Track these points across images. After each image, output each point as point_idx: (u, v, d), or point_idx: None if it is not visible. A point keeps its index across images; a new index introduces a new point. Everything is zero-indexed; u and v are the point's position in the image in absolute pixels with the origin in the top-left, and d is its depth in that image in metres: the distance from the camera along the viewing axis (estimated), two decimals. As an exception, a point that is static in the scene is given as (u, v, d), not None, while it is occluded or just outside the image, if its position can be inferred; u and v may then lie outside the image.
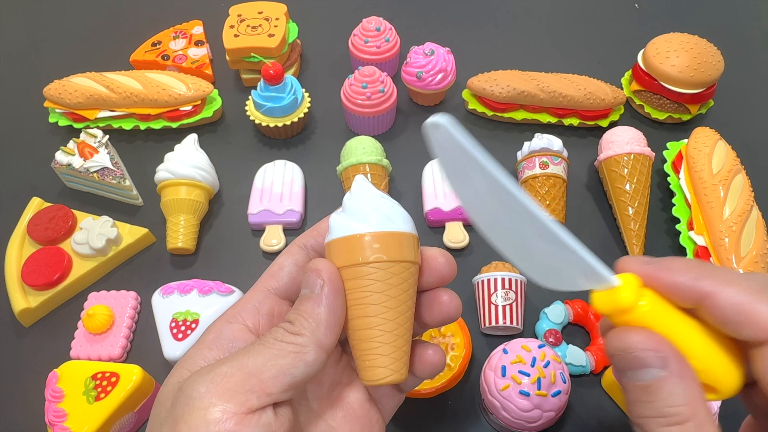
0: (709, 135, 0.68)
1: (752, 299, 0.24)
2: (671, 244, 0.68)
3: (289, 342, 0.27)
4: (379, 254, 0.29)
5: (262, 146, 0.77)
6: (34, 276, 0.61)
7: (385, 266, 0.29)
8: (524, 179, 0.67)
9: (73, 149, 0.70)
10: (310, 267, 0.29)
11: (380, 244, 0.29)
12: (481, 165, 0.25)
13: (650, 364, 0.25)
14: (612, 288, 0.26)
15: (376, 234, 0.29)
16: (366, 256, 0.29)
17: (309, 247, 0.33)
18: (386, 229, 0.29)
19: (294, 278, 0.32)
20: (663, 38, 0.76)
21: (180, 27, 0.88)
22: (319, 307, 0.28)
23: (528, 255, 0.27)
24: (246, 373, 0.26)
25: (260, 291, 0.32)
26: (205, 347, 0.29)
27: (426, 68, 0.75)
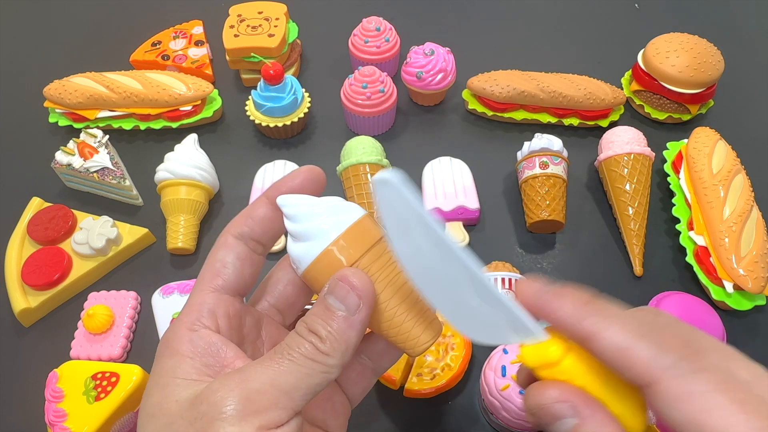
0: (709, 135, 0.68)
1: (631, 341, 0.24)
2: (671, 244, 0.68)
3: (320, 363, 0.27)
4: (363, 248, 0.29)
5: (262, 146, 0.77)
6: (34, 276, 0.62)
7: (378, 252, 0.29)
8: (524, 179, 0.67)
9: (73, 149, 0.70)
10: (345, 279, 0.28)
11: (357, 237, 0.29)
12: (426, 222, 0.25)
13: (563, 415, 0.25)
14: (540, 342, 0.27)
15: (348, 232, 0.29)
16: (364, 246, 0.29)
17: (246, 237, 0.31)
18: (350, 222, 0.29)
19: (240, 274, 0.31)
20: (663, 38, 0.76)
21: (180, 27, 0.88)
22: (352, 330, 0.27)
23: (461, 310, 0.27)
24: (279, 391, 0.26)
25: (209, 292, 0.30)
26: (186, 357, 0.28)
27: (426, 68, 0.75)
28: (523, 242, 0.68)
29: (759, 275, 0.58)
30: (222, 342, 0.29)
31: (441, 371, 0.54)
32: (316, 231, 0.29)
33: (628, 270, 0.66)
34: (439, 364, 0.54)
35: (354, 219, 0.29)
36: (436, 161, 0.72)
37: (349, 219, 0.29)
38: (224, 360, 0.28)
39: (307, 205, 0.30)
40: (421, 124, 0.80)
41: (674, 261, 0.67)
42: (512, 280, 0.59)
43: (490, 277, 0.29)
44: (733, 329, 0.61)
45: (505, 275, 0.59)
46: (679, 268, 0.66)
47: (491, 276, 0.60)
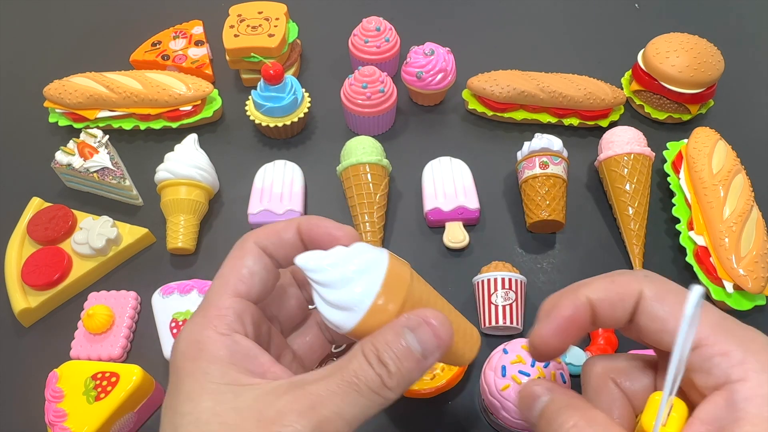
0: (709, 135, 0.68)
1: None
2: (671, 244, 0.68)
3: (383, 396, 0.27)
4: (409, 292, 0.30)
5: (262, 146, 0.77)
6: (34, 276, 0.62)
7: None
8: (524, 179, 0.67)
9: (73, 149, 0.70)
10: (430, 324, 0.28)
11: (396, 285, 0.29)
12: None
13: (540, 393, 0.30)
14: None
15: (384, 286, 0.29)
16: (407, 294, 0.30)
17: (269, 252, 0.31)
18: (383, 274, 0.29)
19: (265, 284, 0.31)
20: (663, 38, 0.76)
21: (180, 27, 0.88)
22: (420, 372, 0.28)
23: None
24: (344, 422, 0.26)
25: (233, 297, 0.30)
26: (228, 362, 0.27)
27: (426, 68, 0.75)
28: (523, 242, 0.68)
29: (759, 275, 0.58)
30: (257, 348, 0.29)
31: (441, 371, 0.53)
32: (354, 296, 0.29)
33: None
34: (439, 364, 0.54)
35: (384, 268, 0.29)
36: (436, 161, 0.72)
37: (380, 269, 0.29)
38: (263, 366, 0.28)
39: (334, 266, 0.29)
40: (421, 124, 0.80)
41: (674, 261, 0.67)
42: (512, 280, 0.59)
43: (493, 276, 0.30)
44: (733, 329, 0.61)
45: (505, 275, 0.59)
46: (679, 268, 0.66)
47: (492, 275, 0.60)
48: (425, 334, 0.28)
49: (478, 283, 0.61)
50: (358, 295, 0.28)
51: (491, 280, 0.59)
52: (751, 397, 0.24)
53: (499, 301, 0.59)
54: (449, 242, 0.66)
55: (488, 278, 0.60)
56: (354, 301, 0.28)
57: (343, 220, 0.69)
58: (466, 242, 0.66)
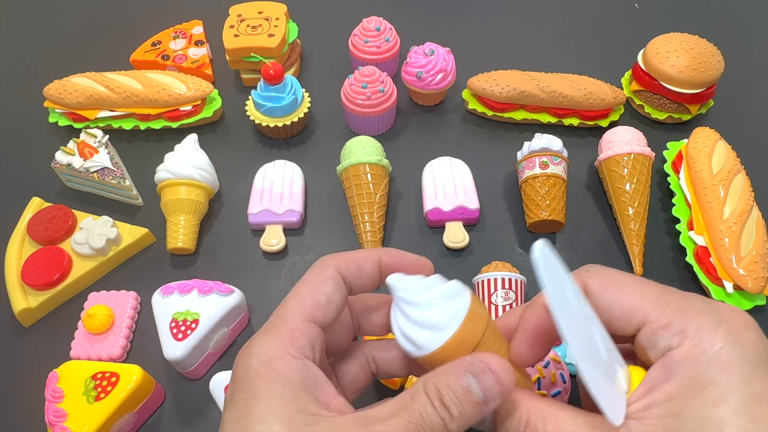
0: (709, 135, 0.68)
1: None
2: (671, 244, 0.68)
3: None
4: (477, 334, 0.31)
5: (262, 146, 0.77)
6: (34, 276, 0.61)
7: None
8: (524, 179, 0.67)
9: (73, 149, 0.70)
10: (495, 372, 0.28)
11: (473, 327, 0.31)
12: (571, 280, 0.30)
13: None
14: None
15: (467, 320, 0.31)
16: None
17: (348, 281, 0.32)
18: (467, 306, 0.31)
19: (338, 313, 0.32)
20: (663, 38, 0.76)
21: (180, 27, 0.88)
22: (479, 417, 0.28)
23: (589, 359, 0.29)
24: None
25: (307, 322, 0.30)
26: (301, 389, 0.27)
27: (426, 68, 0.75)
28: (523, 242, 0.68)
29: (759, 275, 0.58)
30: (323, 377, 0.29)
31: (441, 371, 0.53)
32: (443, 317, 0.30)
33: (628, 270, 0.65)
34: (439, 364, 0.54)
35: (468, 299, 0.31)
36: (436, 161, 0.72)
37: (464, 302, 0.31)
38: (327, 396, 0.28)
39: (424, 288, 0.31)
40: (421, 124, 0.80)
41: (674, 261, 0.67)
42: (512, 280, 0.59)
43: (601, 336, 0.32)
44: (733, 329, 0.61)
45: (505, 275, 0.59)
46: (679, 268, 0.66)
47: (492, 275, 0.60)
48: (488, 380, 0.28)
49: (478, 283, 0.61)
50: (446, 317, 0.30)
51: (491, 280, 0.59)
52: (682, 360, 0.27)
53: (499, 301, 0.59)
54: (449, 242, 0.66)
55: (488, 278, 0.60)
56: (442, 322, 0.30)
57: (343, 220, 0.70)
58: (466, 242, 0.66)
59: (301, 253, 0.68)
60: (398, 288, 0.31)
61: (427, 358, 0.30)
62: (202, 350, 0.56)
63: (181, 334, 0.55)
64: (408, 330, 0.31)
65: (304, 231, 0.70)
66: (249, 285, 0.64)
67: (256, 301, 0.63)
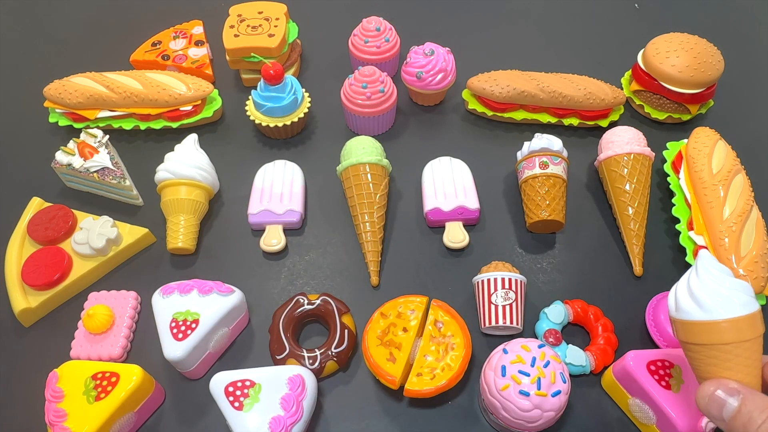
0: (709, 135, 0.68)
1: None
2: (671, 244, 0.68)
3: None
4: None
5: (262, 146, 0.77)
6: (34, 276, 0.62)
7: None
8: (524, 179, 0.67)
9: (73, 149, 0.70)
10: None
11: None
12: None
13: (727, 398, 0.36)
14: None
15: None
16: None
17: None
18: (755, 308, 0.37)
19: None
20: (663, 38, 0.76)
21: (180, 27, 0.88)
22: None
23: None
24: None
25: None
26: None
27: (426, 68, 0.75)
28: (523, 242, 0.68)
29: (759, 275, 0.58)
30: None
31: (441, 371, 0.54)
32: (734, 299, 0.36)
33: (628, 270, 0.66)
34: (439, 364, 0.54)
35: (758, 305, 0.37)
36: (436, 161, 0.72)
37: (756, 304, 0.37)
38: None
39: (730, 274, 0.37)
40: (421, 124, 0.80)
41: (674, 261, 0.67)
42: (512, 279, 0.59)
43: None
44: (733, 329, 0.61)
45: (505, 275, 0.59)
46: (679, 268, 0.66)
47: (492, 275, 0.60)
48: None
49: (478, 283, 0.61)
50: (738, 303, 0.36)
51: (491, 280, 0.59)
52: None
53: (499, 301, 0.59)
54: (449, 242, 0.66)
55: (488, 278, 0.60)
56: (739, 301, 0.35)
57: (344, 220, 0.70)
58: (466, 242, 0.66)
59: (301, 253, 0.68)
60: (707, 259, 0.37)
61: (698, 324, 0.36)
62: (202, 350, 0.56)
63: (181, 334, 0.55)
64: (702, 295, 0.36)
65: (304, 231, 0.70)
66: (249, 285, 0.64)
67: (256, 301, 0.63)
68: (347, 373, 0.59)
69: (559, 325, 0.60)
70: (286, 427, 0.50)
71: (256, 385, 0.52)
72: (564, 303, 0.61)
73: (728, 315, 0.35)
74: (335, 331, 0.58)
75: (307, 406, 0.52)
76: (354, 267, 0.66)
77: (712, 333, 0.35)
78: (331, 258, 0.67)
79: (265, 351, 0.59)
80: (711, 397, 0.36)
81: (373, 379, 0.58)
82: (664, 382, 0.51)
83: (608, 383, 0.57)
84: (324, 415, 0.57)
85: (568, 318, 0.61)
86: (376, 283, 0.65)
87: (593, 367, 0.57)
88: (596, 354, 0.58)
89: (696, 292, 0.36)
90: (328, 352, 0.57)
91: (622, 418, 0.56)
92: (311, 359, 0.56)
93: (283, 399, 0.51)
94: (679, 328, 0.37)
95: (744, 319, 0.35)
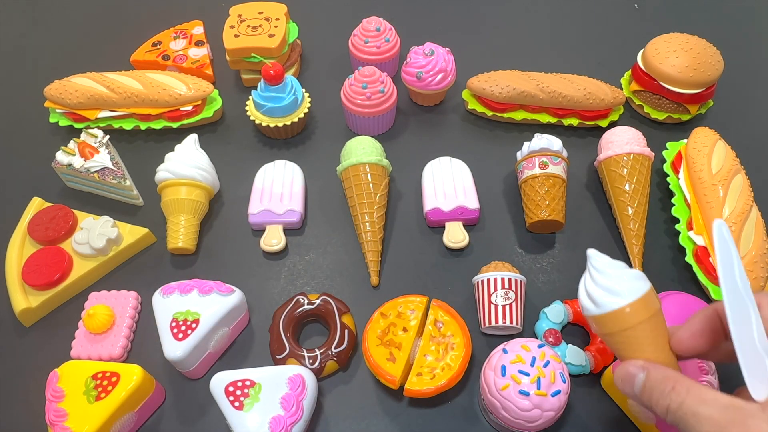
0: (709, 135, 0.68)
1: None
2: (671, 244, 0.68)
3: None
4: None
5: (262, 146, 0.77)
6: (35, 276, 0.62)
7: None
8: (524, 179, 0.67)
9: (73, 149, 0.70)
10: None
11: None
12: (740, 264, 0.37)
13: (636, 373, 0.39)
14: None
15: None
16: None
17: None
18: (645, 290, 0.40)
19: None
20: (663, 38, 0.76)
21: (180, 27, 0.88)
22: None
23: (742, 333, 0.35)
24: None
25: None
26: None
27: (426, 68, 0.75)
28: (523, 242, 0.68)
29: (758, 275, 0.58)
30: None
31: (441, 371, 0.54)
32: (624, 287, 0.39)
33: (627, 270, 0.66)
34: (439, 363, 0.54)
35: (648, 286, 0.40)
36: (436, 161, 0.72)
37: (645, 286, 0.40)
38: None
39: (615, 267, 0.41)
40: (421, 124, 0.80)
41: (674, 261, 0.67)
42: (512, 279, 0.59)
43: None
44: (733, 329, 0.61)
45: (505, 275, 0.59)
46: (678, 268, 0.66)
47: (491, 275, 0.60)
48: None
49: (478, 283, 0.61)
50: (627, 290, 0.39)
51: (491, 279, 0.60)
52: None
53: (498, 301, 0.59)
54: (449, 242, 0.66)
55: (488, 278, 0.60)
56: (623, 291, 0.39)
57: (344, 220, 0.70)
58: (466, 242, 0.66)
59: (301, 253, 0.68)
60: (594, 259, 0.41)
61: (599, 317, 0.40)
62: (203, 350, 0.57)
63: (182, 333, 0.55)
64: (593, 291, 0.40)
65: (304, 231, 0.70)
66: (249, 285, 0.64)
67: (256, 301, 0.63)
68: (347, 373, 0.59)
69: (558, 325, 0.60)
70: (286, 426, 0.50)
71: (256, 384, 0.52)
72: (564, 303, 0.61)
73: (619, 305, 0.39)
74: (335, 331, 0.58)
75: (307, 405, 0.52)
76: (354, 267, 0.66)
77: (612, 322, 0.39)
78: (331, 258, 0.67)
79: (265, 351, 0.59)
80: (623, 377, 0.39)
81: (373, 379, 0.59)
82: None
83: (608, 383, 0.57)
84: (324, 415, 0.57)
85: (568, 318, 0.61)
86: (376, 283, 0.65)
87: (593, 367, 0.57)
88: (596, 354, 0.58)
89: (590, 290, 0.41)
90: (328, 352, 0.57)
91: (622, 418, 0.56)
92: (311, 359, 0.56)
93: (283, 399, 0.51)
94: (590, 323, 0.42)
95: (635, 304, 0.39)
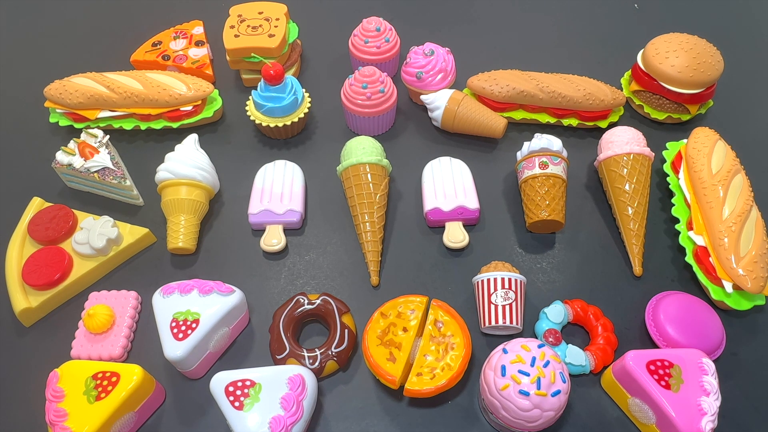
0: (709, 135, 0.68)
1: None
2: (671, 244, 0.68)
3: None
4: None
5: (262, 146, 0.77)
6: (35, 276, 0.62)
7: None
8: (524, 179, 0.67)
9: (73, 149, 0.70)
10: None
11: None
12: None
13: None
14: None
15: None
16: None
17: None
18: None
19: None
20: (663, 38, 0.76)
21: (180, 27, 0.88)
22: None
23: None
24: None
25: None
26: None
27: (426, 68, 0.75)
28: (523, 242, 0.68)
29: (758, 275, 0.58)
30: None
31: (441, 371, 0.54)
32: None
33: (627, 270, 0.66)
34: (439, 363, 0.54)
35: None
36: (436, 161, 0.72)
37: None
38: None
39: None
40: (421, 124, 0.80)
41: (674, 261, 0.67)
42: (512, 279, 0.59)
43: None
44: (733, 329, 0.61)
45: (504, 275, 0.59)
46: (678, 268, 0.66)
47: (491, 275, 0.60)
48: None
49: (478, 283, 0.61)
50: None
51: (491, 279, 0.60)
52: None
53: (498, 301, 0.59)
54: (449, 242, 0.66)
55: (488, 278, 0.60)
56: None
57: (343, 220, 0.70)
58: (465, 242, 0.66)
59: (301, 253, 0.68)
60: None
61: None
62: (203, 350, 0.57)
63: (182, 333, 0.55)
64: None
65: (304, 231, 0.70)
66: (249, 285, 0.64)
67: (256, 301, 0.63)
68: (347, 372, 0.59)
69: (558, 325, 0.60)
70: (286, 426, 0.50)
71: (256, 384, 0.52)
72: (564, 303, 0.61)
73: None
74: (335, 330, 0.58)
75: (307, 405, 0.52)
76: (354, 267, 0.66)
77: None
78: (331, 258, 0.67)
79: (266, 351, 0.59)
80: None
81: (373, 378, 0.59)
82: (664, 381, 0.51)
83: (608, 383, 0.57)
84: (324, 414, 0.57)
85: (568, 318, 0.61)
86: (376, 283, 0.65)
87: (593, 367, 0.57)
88: (596, 354, 0.58)
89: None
90: (328, 352, 0.57)
91: (621, 418, 0.56)
92: (311, 359, 0.56)
93: (283, 399, 0.51)
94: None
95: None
